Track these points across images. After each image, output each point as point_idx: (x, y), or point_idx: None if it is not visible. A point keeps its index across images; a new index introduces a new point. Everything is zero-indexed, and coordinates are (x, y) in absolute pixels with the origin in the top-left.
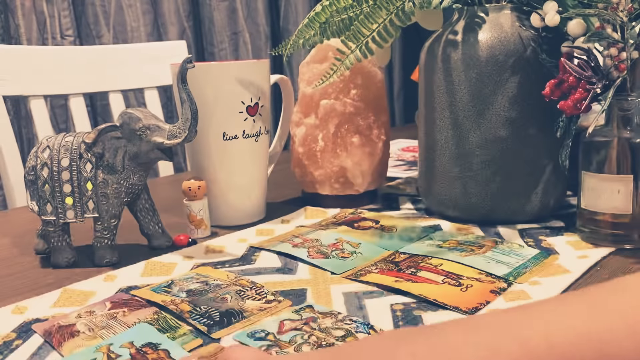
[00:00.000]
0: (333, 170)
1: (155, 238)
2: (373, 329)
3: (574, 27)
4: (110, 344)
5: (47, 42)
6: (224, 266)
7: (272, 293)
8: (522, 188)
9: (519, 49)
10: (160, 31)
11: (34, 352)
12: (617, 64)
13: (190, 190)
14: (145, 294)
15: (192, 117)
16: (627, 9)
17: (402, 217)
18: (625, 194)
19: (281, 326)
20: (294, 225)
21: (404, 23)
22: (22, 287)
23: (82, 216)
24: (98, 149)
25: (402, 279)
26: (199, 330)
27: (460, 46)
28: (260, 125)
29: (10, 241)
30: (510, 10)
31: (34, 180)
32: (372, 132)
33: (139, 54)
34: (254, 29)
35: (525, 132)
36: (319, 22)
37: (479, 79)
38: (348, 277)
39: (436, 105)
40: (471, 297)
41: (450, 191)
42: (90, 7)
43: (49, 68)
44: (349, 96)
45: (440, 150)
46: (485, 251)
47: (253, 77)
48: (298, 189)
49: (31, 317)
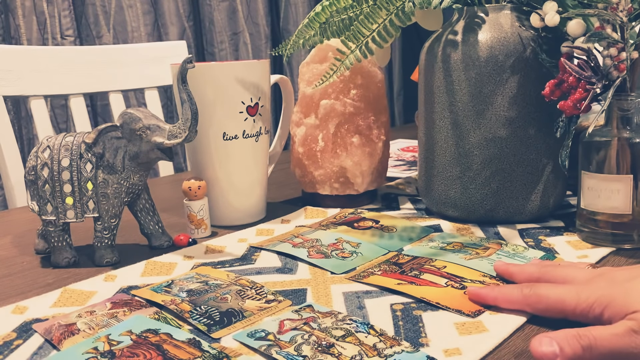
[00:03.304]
0: (333, 170)
1: (155, 238)
2: (373, 328)
3: (573, 27)
4: (109, 334)
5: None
6: (224, 266)
7: (272, 293)
8: (521, 188)
9: (519, 49)
10: (161, 31)
11: (34, 352)
12: (617, 64)
13: (190, 190)
14: (145, 294)
15: (192, 117)
16: (627, 9)
17: (402, 217)
18: (625, 193)
19: (281, 326)
20: (294, 225)
21: (404, 23)
22: (22, 287)
23: (82, 216)
24: (98, 149)
25: (405, 282)
26: (199, 330)
27: (460, 46)
28: (261, 125)
29: (10, 241)
30: (510, 11)
31: (35, 180)
32: (372, 132)
33: (139, 54)
34: (254, 29)
35: (525, 132)
36: (319, 22)
37: (478, 79)
38: (351, 279)
39: (436, 105)
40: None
41: (450, 191)
42: (90, 7)
43: (49, 68)
44: (349, 96)
45: (440, 150)
46: (489, 254)
47: (253, 77)
48: (298, 189)
49: (31, 316)
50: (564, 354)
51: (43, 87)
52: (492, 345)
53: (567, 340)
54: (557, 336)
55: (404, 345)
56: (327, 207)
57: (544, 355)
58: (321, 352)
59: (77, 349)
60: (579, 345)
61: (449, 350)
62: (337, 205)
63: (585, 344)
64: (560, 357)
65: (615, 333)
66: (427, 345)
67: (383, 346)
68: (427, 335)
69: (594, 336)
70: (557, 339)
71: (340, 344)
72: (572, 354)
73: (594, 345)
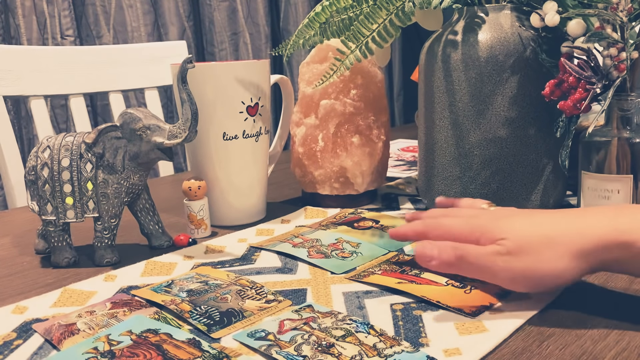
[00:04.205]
0: (333, 170)
1: (155, 238)
2: (373, 328)
3: (573, 27)
4: (109, 334)
5: (47, 42)
6: (224, 266)
7: (272, 293)
8: (522, 188)
9: (519, 49)
10: (161, 31)
11: (34, 352)
12: (617, 64)
13: (190, 190)
14: (145, 294)
15: (192, 117)
16: (627, 9)
17: (402, 217)
18: (625, 194)
19: (281, 326)
20: (294, 225)
21: (404, 23)
22: (22, 287)
23: (82, 216)
24: (98, 149)
25: (405, 281)
26: (199, 330)
27: (460, 46)
28: (261, 125)
29: (10, 241)
30: (510, 10)
31: (35, 180)
32: (372, 132)
33: (139, 54)
34: (254, 29)
35: (525, 132)
36: (319, 22)
37: (478, 79)
38: (351, 279)
39: (436, 105)
40: (475, 299)
41: (450, 191)
42: (90, 7)
43: (49, 68)
44: (349, 96)
45: (440, 150)
46: None
47: (253, 77)
48: (298, 189)
49: (31, 316)
50: (440, 259)
51: (43, 87)
52: (492, 345)
53: (445, 249)
54: (438, 244)
55: (404, 345)
56: (327, 207)
57: (425, 257)
58: (321, 352)
59: (77, 349)
60: (453, 254)
61: (449, 350)
62: (337, 205)
63: (459, 255)
64: (436, 260)
65: (483, 252)
66: (427, 345)
67: (383, 346)
68: (427, 335)
69: (467, 250)
70: (438, 246)
71: (340, 344)
72: (447, 259)
73: (465, 257)
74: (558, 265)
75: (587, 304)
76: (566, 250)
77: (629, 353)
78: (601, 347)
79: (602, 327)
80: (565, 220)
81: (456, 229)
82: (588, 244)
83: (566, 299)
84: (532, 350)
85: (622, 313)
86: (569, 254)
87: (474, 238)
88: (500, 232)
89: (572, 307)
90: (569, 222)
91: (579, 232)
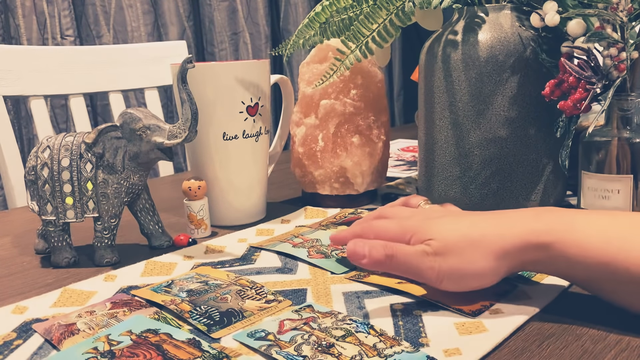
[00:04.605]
0: (333, 170)
1: (155, 238)
2: (373, 328)
3: (573, 27)
4: (109, 334)
5: (47, 42)
6: (224, 266)
7: (272, 293)
8: (522, 188)
9: (519, 49)
10: (161, 31)
11: (34, 352)
12: (617, 64)
13: (190, 190)
14: (145, 294)
15: (192, 117)
16: (627, 9)
17: None
18: (625, 193)
19: (281, 326)
20: (294, 225)
21: (404, 23)
22: (22, 287)
23: (82, 216)
24: (98, 149)
25: (405, 281)
26: (199, 330)
27: (460, 46)
28: (261, 125)
29: (10, 241)
30: (510, 10)
31: (34, 180)
32: (372, 132)
33: (139, 54)
34: (254, 29)
35: (525, 132)
36: (319, 22)
37: (478, 79)
38: (351, 279)
39: (436, 105)
40: (475, 298)
41: (450, 191)
42: (90, 7)
43: (49, 68)
44: (349, 96)
45: (440, 150)
46: None
47: (253, 77)
48: (298, 189)
49: (31, 316)
50: (370, 257)
51: (43, 87)
52: (492, 345)
53: (375, 248)
54: (369, 242)
55: (404, 345)
56: (327, 207)
57: (357, 255)
58: (321, 352)
59: (77, 349)
60: (383, 252)
61: (449, 350)
62: (337, 205)
63: (389, 253)
64: (367, 258)
65: (412, 251)
66: (427, 345)
67: (383, 346)
68: (427, 335)
69: (397, 249)
70: (369, 245)
71: (340, 344)
72: (377, 258)
73: (395, 256)
74: (481, 265)
75: (587, 304)
76: (488, 251)
77: (629, 353)
78: (601, 347)
79: (602, 327)
80: (488, 222)
81: (390, 230)
82: (508, 245)
83: (566, 298)
84: (532, 350)
85: (622, 313)
86: (491, 255)
87: (406, 239)
88: (429, 233)
89: (572, 307)
90: (491, 224)
91: (500, 234)
